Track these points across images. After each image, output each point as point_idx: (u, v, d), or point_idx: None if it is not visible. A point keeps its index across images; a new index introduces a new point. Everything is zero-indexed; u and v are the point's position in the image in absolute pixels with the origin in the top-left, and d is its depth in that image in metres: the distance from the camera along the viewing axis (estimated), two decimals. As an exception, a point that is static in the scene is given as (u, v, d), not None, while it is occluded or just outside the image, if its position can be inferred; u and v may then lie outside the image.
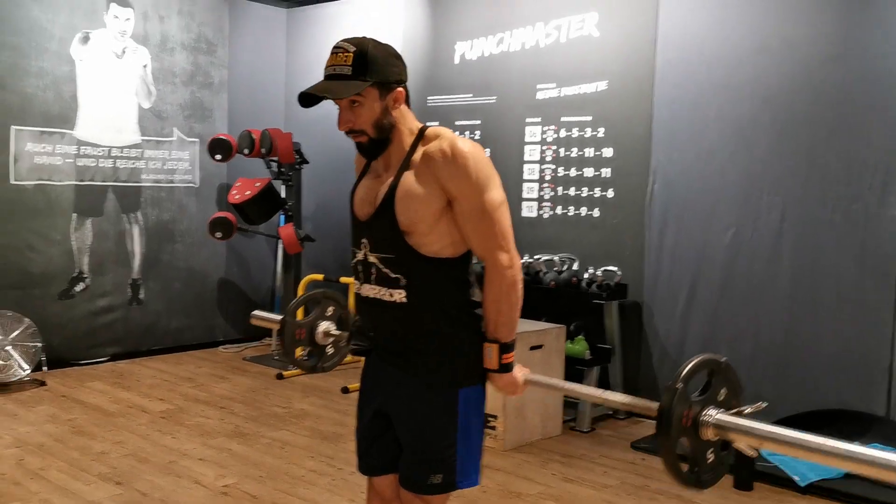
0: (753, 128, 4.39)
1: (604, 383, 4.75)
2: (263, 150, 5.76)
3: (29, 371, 5.07)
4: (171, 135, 6.12)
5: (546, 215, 5.23)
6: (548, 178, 5.23)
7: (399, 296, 1.95)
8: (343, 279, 5.47)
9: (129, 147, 5.89)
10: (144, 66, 5.94)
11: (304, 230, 6.17)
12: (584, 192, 5.05)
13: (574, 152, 5.09)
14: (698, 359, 1.76)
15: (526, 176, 5.33)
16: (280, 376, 5.51)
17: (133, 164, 5.91)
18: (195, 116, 6.26)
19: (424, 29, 5.88)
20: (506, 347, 1.98)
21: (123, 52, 5.82)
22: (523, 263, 5.03)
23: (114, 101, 5.78)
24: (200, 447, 4.07)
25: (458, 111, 5.70)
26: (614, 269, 4.72)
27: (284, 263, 6.12)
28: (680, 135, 4.66)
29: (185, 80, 6.19)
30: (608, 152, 4.95)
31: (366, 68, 1.86)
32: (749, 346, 4.43)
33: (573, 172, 5.10)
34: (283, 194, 6.05)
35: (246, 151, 5.83)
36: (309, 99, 1.90)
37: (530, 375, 2.04)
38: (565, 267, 4.92)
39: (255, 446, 4.11)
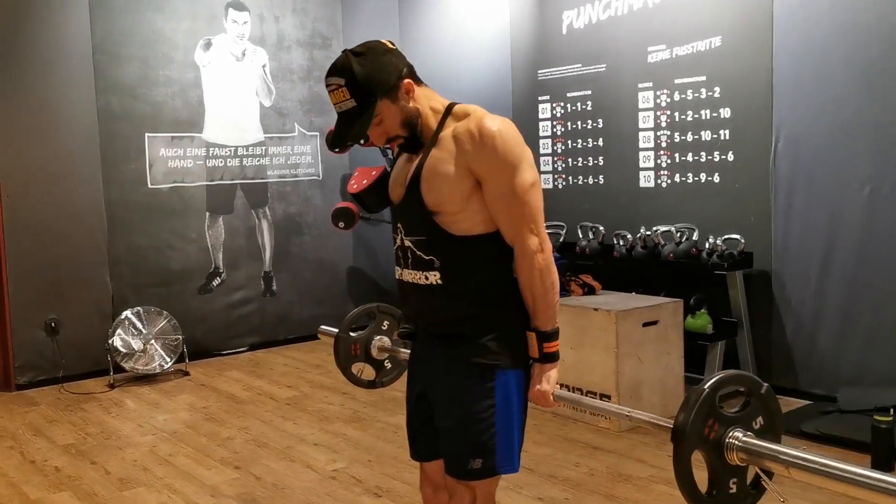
0: (884, 73, 3.96)
1: (731, 359, 4.47)
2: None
3: (171, 363, 5.42)
4: (292, 130, 6.33)
5: (664, 184, 4.97)
6: (663, 145, 4.96)
7: (434, 278, 1.91)
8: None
9: (254, 145, 6.14)
10: (263, 66, 6.16)
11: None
12: (703, 157, 4.75)
13: (689, 116, 4.80)
14: (732, 372, 1.61)
15: (641, 144, 5.09)
16: (404, 361, 5.57)
17: (258, 161, 6.16)
18: (314, 111, 6.43)
19: (531, 2, 5.72)
20: (545, 336, 1.89)
21: (243, 54, 6.06)
22: (640, 236, 4.81)
23: (237, 102, 6.04)
24: (318, 432, 4.18)
25: (569, 83, 5.52)
26: (737, 237, 4.41)
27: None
28: (804, 87, 4.28)
29: (303, 76, 6.37)
30: (725, 113, 4.62)
31: (363, 91, 1.81)
32: (894, 314, 4.03)
33: (690, 137, 4.81)
34: (401, 181, 6.10)
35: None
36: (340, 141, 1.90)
37: (560, 392, 1.95)
38: (684, 238, 4.65)
39: (368, 431, 4.18)
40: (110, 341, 5.27)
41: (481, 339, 1.90)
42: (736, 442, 1.56)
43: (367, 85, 1.80)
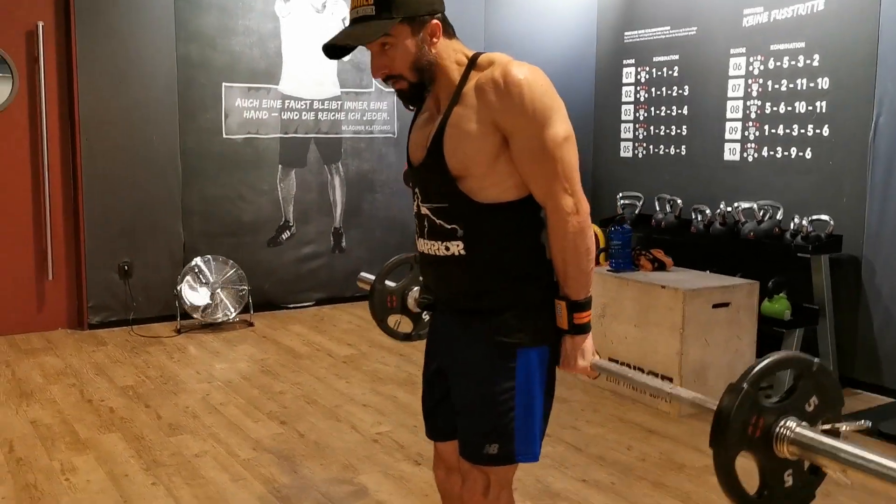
0: None
1: (810, 349, 4.17)
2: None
3: (235, 313, 5.46)
4: (369, 86, 6.23)
5: (750, 158, 4.65)
6: (753, 116, 4.63)
7: (456, 248, 1.75)
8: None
9: (330, 99, 6.07)
10: (343, 19, 6.06)
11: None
12: (795, 130, 4.41)
13: (784, 85, 4.46)
14: (777, 356, 1.40)
15: (729, 115, 4.77)
16: (467, 326, 5.46)
17: (333, 115, 6.09)
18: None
19: (622, -42, 5.43)
20: (576, 305, 1.72)
21: (323, 6, 5.98)
22: (720, 212, 4.53)
23: (314, 55, 5.96)
24: (368, 393, 4.13)
25: (656, 46, 5.22)
26: (826, 218, 4.09)
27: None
28: (913, 58, 3.90)
29: (383, 30, 6.24)
30: (824, 83, 4.27)
31: (390, 4, 1.64)
32: None
33: (782, 109, 4.47)
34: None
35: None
36: (335, 50, 1.71)
37: (597, 360, 1.77)
38: (766, 216, 4.35)
39: (419, 395, 4.09)
40: (178, 287, 5.34)
41: (502, 314, 1.75)
42: (787, 432, 1.38)
43: None
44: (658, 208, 4.99)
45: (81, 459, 3.26)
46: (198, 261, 5.48)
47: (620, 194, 5.28)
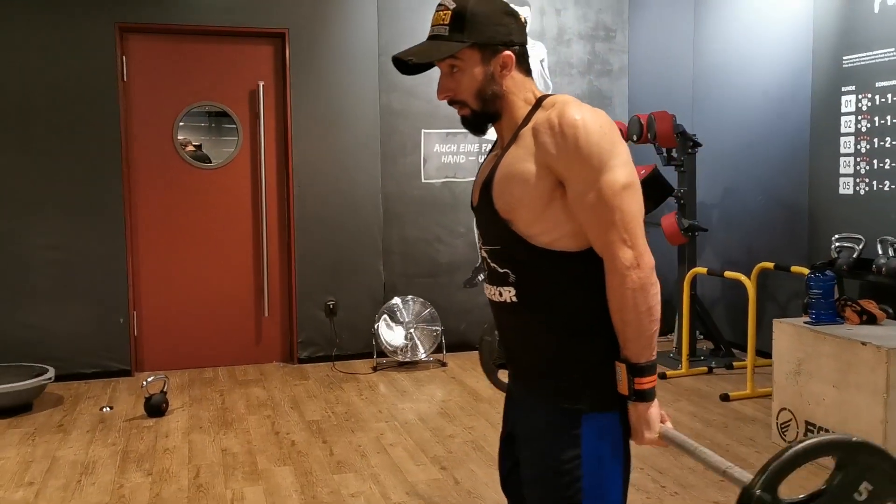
0: None
1: None
2: (650, 136, 5.44)
3: (425, 352, 5.58)
4: (568, 126, 6.15)
5: None
6: None
7: (509, 294, 1.66)
8: (728, 273, 4.90)
9: (527, 141, 6.07)
10: (541, 61, 6.07)
11: (701, 219, 5.68)
12: None
13: None
14: (802, 445, 1.16)
15: (965, 144, 4.12)
16: (662, 376, 5.16)
17: (531, 157, 6.08)
18: (594, 105, 6.16)
19: (839, -24, 4.93)
20: (637, 369, 1.56)
21: (521, 49, 6.01)
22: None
23: (512, 98, 6.01)
24: (538, 442, 4.02)
25: (879, 70, 4.65)
26: None
27: (678, 255, 5.71)
28: None
29: (582, 69, 6.16)
30: None
31: (463, 26, 1.59)
32: None
33: None
34: (677, 181, 5.64)
35: (634, 138, 5.56)
36: (407, 65, 1.68)
37: (668, 429, 1.57)
38: None
39: (589, 449, 3.91)
40: (376, 326, 5.58)
41: (562, 375, 1.62)
42: None
43: (471, 22, 1.59)
44: (881, 252, 4.41)
45: (252, 490, 3.48)
46: (396, 300, 5.69)
47: (836, 236, 4.74)
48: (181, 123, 5.55)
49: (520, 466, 1.73)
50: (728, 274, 4.86)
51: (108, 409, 4.67)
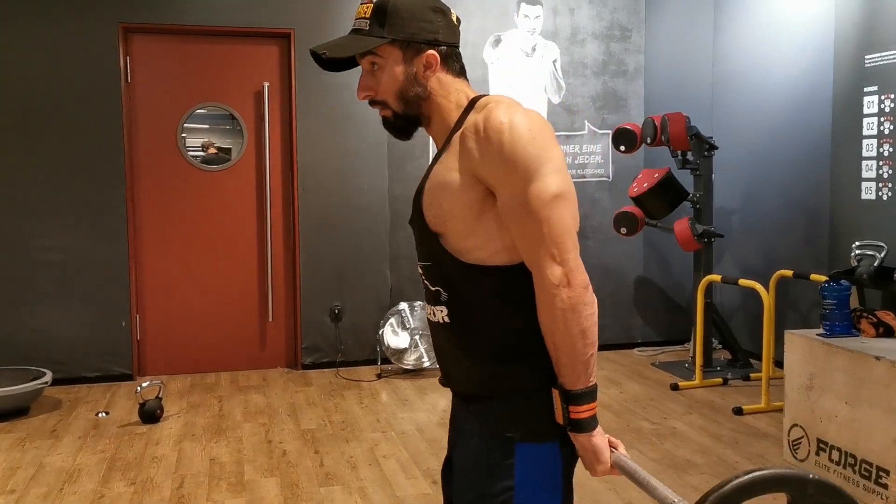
0: None
1: None
2: (664, 138, 5.25)
3: (430, 361, 5.44)
4: (581, 128, 5.99)
5: None
6: None
7: (441, 314, 1.53)
8: (742, 282, 4.70)
9: (539, 144, 5.91)
10: (554, 62, 5.91)
11: (719, 224, 5.48)
12: None
13: None
14: (750, 476, 1.01)
15: None
16: (675, 387, 4.97)
17: (542, 160, 5.92)
18: (607, 107, 6.02)
19: (862, -29, 4.71)
20: (571, 397, 1.41)
21: (533, 49, 5.87)
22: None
23: (524, 99, 5.86)
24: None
25: (903, 69, 4.43)
26: None
27: (694, 261, 5.51)
28: None
29: (597, 70, 5.99)
30: None
31: (384, 21, 1.47)
32: None
33: None
34: (693, 185, 5.45)
35: (648, 140, 5.38)
36: (331, 61, 1.55)
37: (620, 457, 1.42)
38: None
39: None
40: (381, 331, 5.45)
41: (496, 400, 1.48)
42: None
43: (392, 17, 1.47)
44: (903, 260, 4.19)
45: (233, 502, 3.36)
46: (403, 305, 5.56)
47: (857, 243, 4.52)
48: (185, 125, 5.48)
49: (454, 494, 1.60)
50: (742, 282, 4.66)
51: (104, 414, 4.60)
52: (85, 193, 5.21)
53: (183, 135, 5.48)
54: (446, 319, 1.52)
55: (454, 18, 1.55)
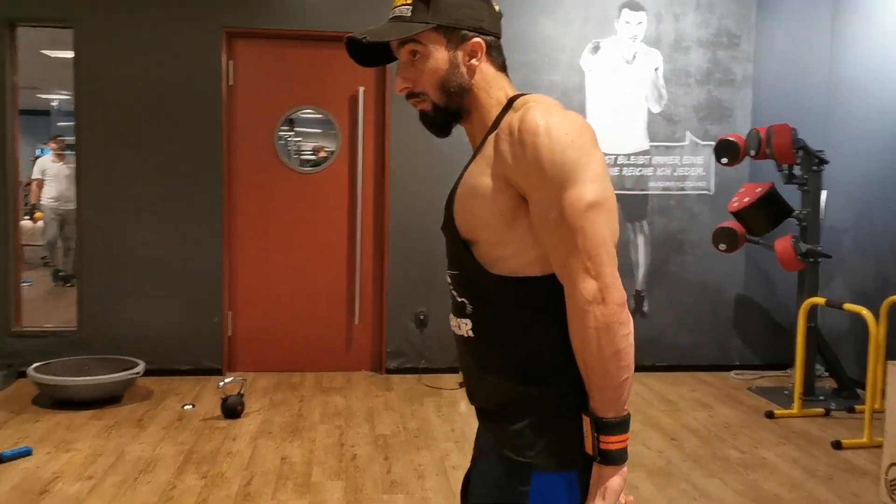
0: None
1: None
2: (768, 151, 4.96)
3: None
4: (682, 139, 5.75)
5: None
6: None
7: (466, 327, 1.43)
8: (847, 306, 4.37)
9: (637, 154, 5.72)
10: (656, 69, 5.70)
11: (830, 244, 5.13)
12: None
13: None
14: None
15: None
16: (770, 414, 4.68)
17: (640, 171, 5.72)
18: (711, 117, 5.76)
19: None
20: (602, 425, 1.29)
21: (634, 57, 5.68)
22: None
23: (622, 107, 5.69)
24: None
25: None
26: None
27: (798, 282, 5.17)
28: None
29: (701, 78, 5.74)
30: None
31: (427, 5, 1.38)
32: None
33: None
34: (799, 201, 5.12)
35: (752, 153, 5.10)
36: (362, 54, 1.47)
37: None
38: None
39: (666, 490, 3.55)
40: (464, 341, 5.38)
41: (515, 422, 1.37)
42: None
43: (433, 1, 1.38)
44: None
45: None
46: (488, 315, 5.47)
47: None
48: (283, 128, 5.59)
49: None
50: (848, 307, 4.34)
51: (190, 406, 4.72)
52: (185, 192, 5.39)
53: (282, 137, 5.59)
54: (470, 333, 1.43)
55: (497, 9, 1.47)
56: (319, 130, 5.77)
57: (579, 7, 5.60)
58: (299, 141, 5.65)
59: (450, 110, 1.44)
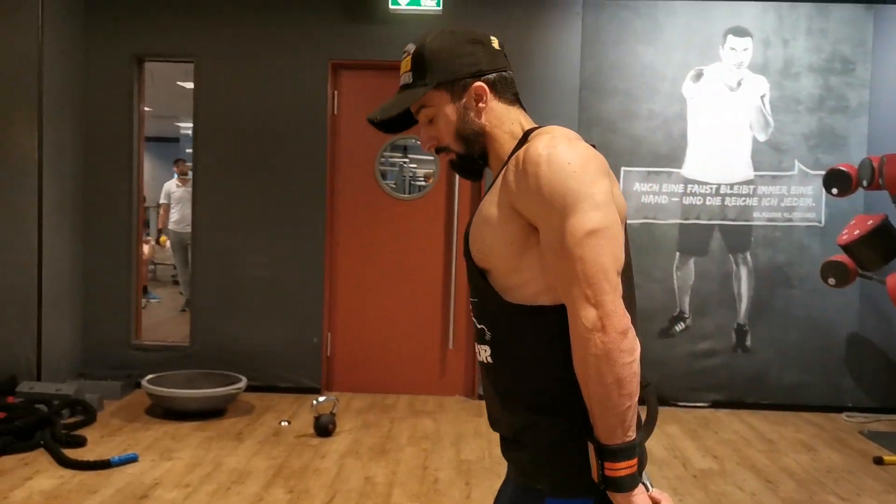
0: None
1: None
2: (881, 181, 4.72)
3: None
4: (790, 168, 5.54)
5: None
6: None
7: (485, 354, 1.46)
8: (964, 348, 4.08)
9: (740, 183, 5.55)
10: (762, 96, 5.53)
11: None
12: None
13: None
14: None
15: None
16: (878, 460, 4.41)
17: (744, 201, 5.55)
18: (823, 146, 5.53)
19: None
20: (606, 452, 1.29)
21: (738, 84, 5.54)
22: None
23: (725, 136, 5.55)
24: (696, 518, 3.59)
25: None
26: None
27: (914, 321, 4.87)
28: None
29: (812, 106, 5.52)
30: None
31: (425, 69, 1.46)
32: None
33: None
34: (917, 234, 4.83)
35: (864, 183, 4.86)
36: (392, 124, 1.57)
37: None
38: None
39: (751, 534, 3.41)
40: (557, 370, 5.35)
41: (529, 449, 1.39)
42: None
43: (430, 63, 1.46)
44: None
45: (374, 523, 3.44)
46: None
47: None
48: (396, 155, 5.77)
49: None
50: (964, 348, 4.05)
51: (286, 423, 4.90)
52: (291, 215, 5.63)
53: (395, 163, 5.76)
54: (489, 360, 1.46)
55: (495, 45, 1.52)
56: (431, 157, 5.90)
57: (681, 34, 5.52)
58: (414, 168, 5.80)
59: (472, 156, 1.51)
